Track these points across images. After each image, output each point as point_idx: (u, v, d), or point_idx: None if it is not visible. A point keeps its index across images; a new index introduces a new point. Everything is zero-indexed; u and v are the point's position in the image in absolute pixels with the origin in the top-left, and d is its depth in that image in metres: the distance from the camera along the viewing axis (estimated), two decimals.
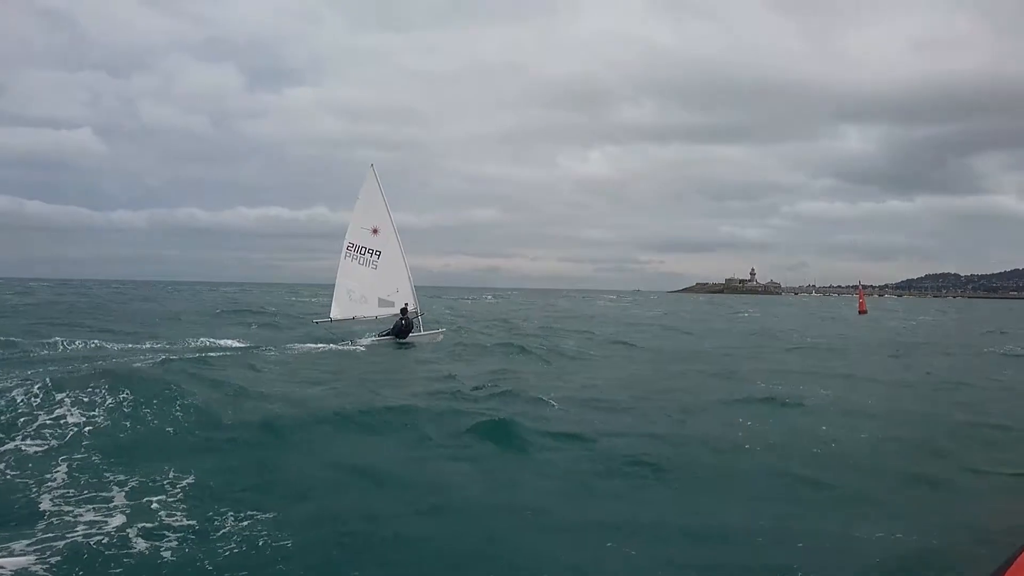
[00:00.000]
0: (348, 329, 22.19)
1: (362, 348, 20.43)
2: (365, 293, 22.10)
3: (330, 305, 22.31)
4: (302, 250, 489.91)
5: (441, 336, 23.74)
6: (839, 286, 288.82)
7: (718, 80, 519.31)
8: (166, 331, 24.13)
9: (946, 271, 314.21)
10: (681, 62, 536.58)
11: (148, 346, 18.85)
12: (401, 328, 21.57)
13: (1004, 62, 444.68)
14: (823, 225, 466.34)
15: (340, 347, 20.26)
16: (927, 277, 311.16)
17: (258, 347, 19.21)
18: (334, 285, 22.29)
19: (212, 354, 16.64)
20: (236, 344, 20.11)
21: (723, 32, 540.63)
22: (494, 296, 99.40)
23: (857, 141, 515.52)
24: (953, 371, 17.75)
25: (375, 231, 21.90)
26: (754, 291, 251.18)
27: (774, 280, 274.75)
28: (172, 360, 14.19)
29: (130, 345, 18.93)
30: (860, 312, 62.89)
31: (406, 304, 22.04)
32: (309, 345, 20.26)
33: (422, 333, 22.57)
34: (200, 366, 13.43)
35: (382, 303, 22.37)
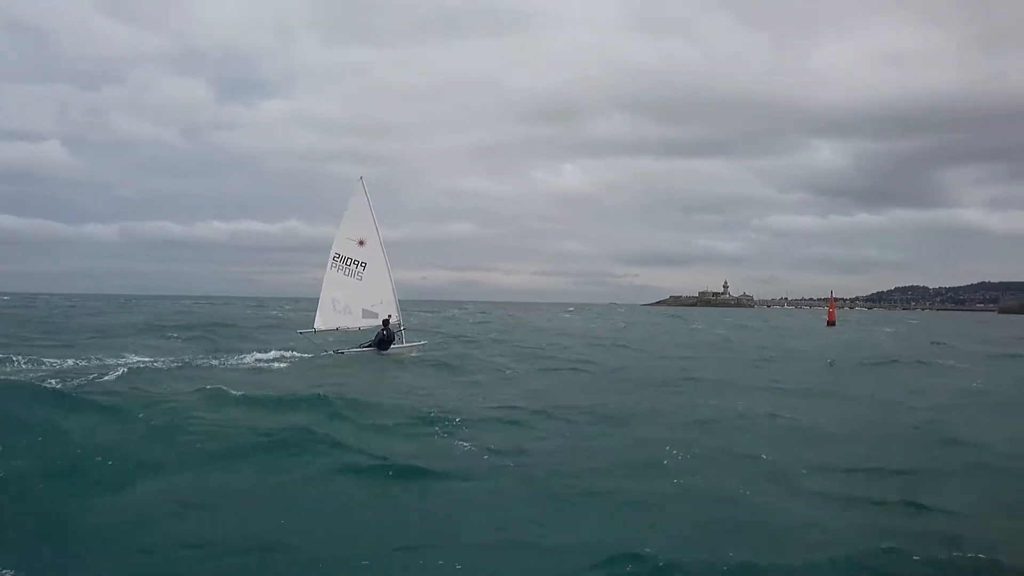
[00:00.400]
0: (324, 339, 22.45)
1: (344, 356, 20.96)
2: (349, 304, 22.65)
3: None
4: (277, 263, 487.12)
5: (422, 346, 24.32)
6: (811, 299, 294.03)
7: (691, 95, 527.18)
8: (82, 344, 24.25)
9: (915, 284, 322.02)
10: (654, 77, 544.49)
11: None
12: (383, 339, 22.13)
13: (970, 79, 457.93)
14: (795, 238, 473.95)
15: (324, 355, 20.76)
16: (897, 290, 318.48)
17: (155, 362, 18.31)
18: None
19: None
20: (136, 360, 18.79)
21: (696, 47, 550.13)
22: (459, 309, 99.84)
23: (828, 155, 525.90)
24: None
25: (361, 243, 22.51)
26: (727, 304, 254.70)
27: (747, 293, 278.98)
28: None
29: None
30: (829, 323, 62.48)
31: (388, 316, 22.63)
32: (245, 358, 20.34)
33: (404, 345, 23.15)
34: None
35: (366, 314, 22.93)
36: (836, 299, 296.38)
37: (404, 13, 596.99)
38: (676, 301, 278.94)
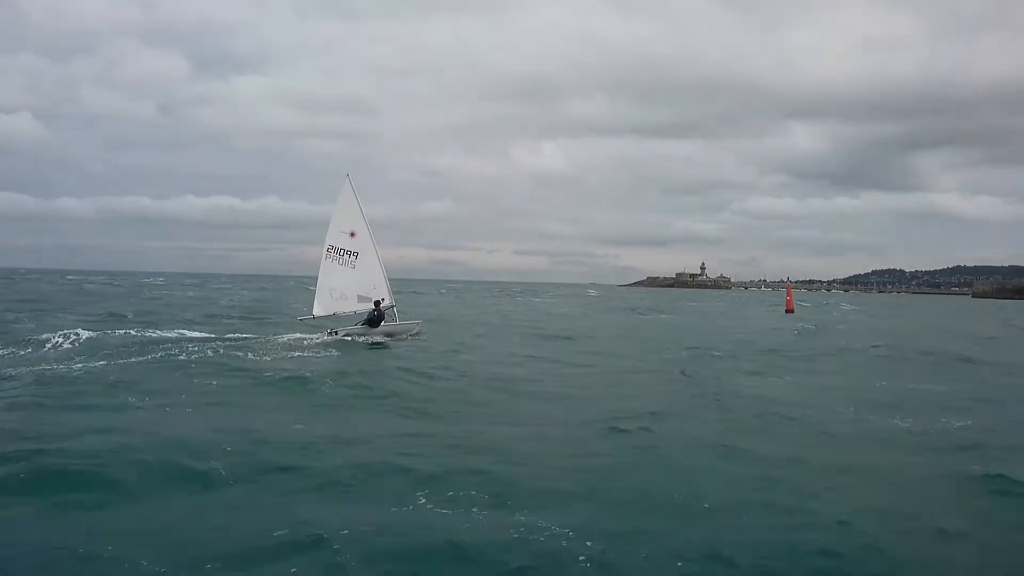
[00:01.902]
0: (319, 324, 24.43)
1: (347, 337, 22.85)
2: (345, 291, 24.68)
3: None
4: (253, 240, 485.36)
5: (417, 327, 26.33)
6: (788, 280, 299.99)
7: (668, 76, 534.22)
8: None
9: (892, 267, 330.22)
10: (631, 58, 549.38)
11: None
12: (373, 318, 24.10)
13: (941, 64, 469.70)
14: (773, 221, 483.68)
15: (325, 337, 22.61)
16: (874, 273, 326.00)
17: None
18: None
19: None
20: None
21: (673, 29, 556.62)
22: (415, 292, 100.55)
23: (805, 139, 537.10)
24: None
25: (352, 234, 24.51)
26: (704, 285, 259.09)
27: (724, 275, 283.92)
28: None
29: None
30: (787, 311, 56.50)
31: (381, 299, 24.54)
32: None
33: (397, 323, 25.15)
34: None
35: (360, 299, 24.98)
36: (813, 281, 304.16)
37: None
38: (653, 282, 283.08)
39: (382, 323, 24.18)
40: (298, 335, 22.92)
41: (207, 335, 22.54)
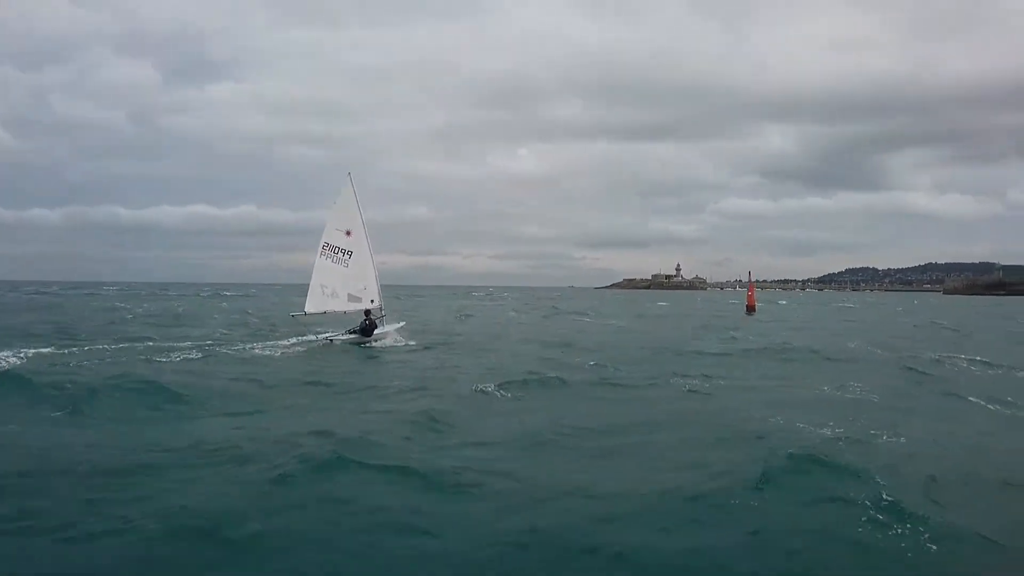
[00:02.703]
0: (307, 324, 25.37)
1: (339, 341, 23.87)
2: (336, 289, 25.61)
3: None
4: (229, 248, 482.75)
5: (402, 327, 27.46)
6: (764, 280, 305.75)
7: (642, 79, 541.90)
8: None
9: (865, 265, 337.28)
10: (606, 62, 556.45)
11: None
12: (366, 327, 25.04)
13: (909, 65, 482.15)
14: (749, 221, 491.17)
15: (315, 342, 23.60)
16: (847, 271, 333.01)
17: None
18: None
19: None
20: None
21: (646, 33, 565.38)
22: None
23: (778, 140, 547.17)
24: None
25: (348, 233, 25.47)
26: (679, 286, 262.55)
27: (699, 275, 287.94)
28: None
29: None
30: (748, 309, 55.17)
31: (369, 308, 25.56)
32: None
33: (385, 329, 26.17)
34: None
35: (351, 298, 25.93)
36: (788, 281, 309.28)
37: None
38: (630, 284, 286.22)
39: (375, 331, 25.22)
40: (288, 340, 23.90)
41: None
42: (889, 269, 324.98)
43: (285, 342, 23.84)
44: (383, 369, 19.14)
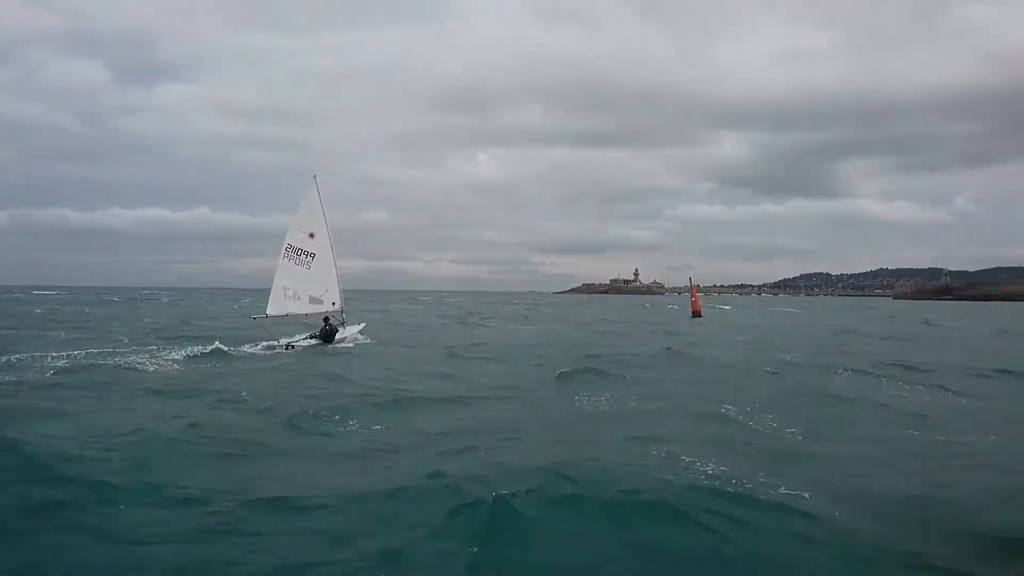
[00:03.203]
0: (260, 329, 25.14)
1: (296, 347, 23.75)
2: (298, 291, 25.72)
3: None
4: (184, 253, 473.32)
5: (361, 329, 27.70)
6: (721, 285, 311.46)
7: (599, 86, 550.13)
8: None
9: (819, 271, 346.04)
10: (564, 69, 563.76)
11: None
12: (327, 333, 25.13)
13: (857, 76, 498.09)
14: (705, 227, 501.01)
15: (272, 348, 23.53)
16: (802, 276, 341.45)
17: None
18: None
19: None
20: None
21: (604, 42, 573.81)
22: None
23: (732, 147, 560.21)
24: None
25: (311, 235, 25.65)
26: (637, 291, 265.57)
27: (657, 280, 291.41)
28: None
29: None
30: (694, 314, 53.78)
31: (327, 316, 25.73)
32: None
33: (345, 333, 26.32)
34: None
35: (312, 300, 26.11)
36: (744, 286, 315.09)
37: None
38: (589, 288, 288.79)
39: (335, 336, 25.25)
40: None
41: None
42: (842, 274, 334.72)
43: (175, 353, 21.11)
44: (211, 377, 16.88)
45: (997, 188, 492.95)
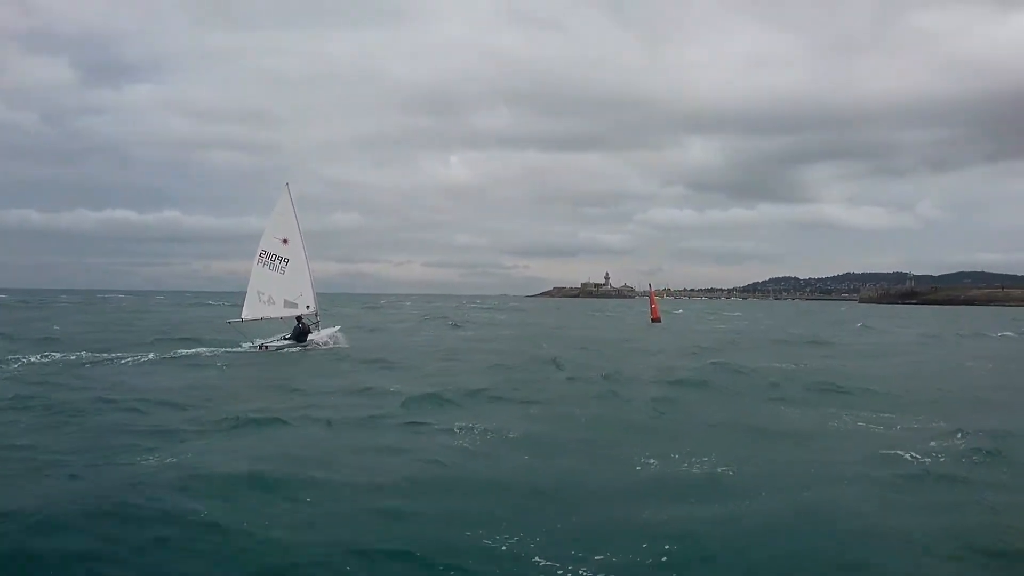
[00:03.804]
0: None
1: (272, 347, 24.62)
2: (273, 295, 26.42)
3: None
4: (152, 255, 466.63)
5: (337, 330, 28.51)
6: (691, 289, 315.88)
7: (567, 90, 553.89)
8: None
9: (788, 275, 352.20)
10: (533, 72, 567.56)
11: None
12: (299, 333, 25.95)
13: (822, 82, 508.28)
14: (676, 231, 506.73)
15: (249, 348, 24.42)
16: (771, 281, 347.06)
17: None
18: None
19: None
20: None
21: (570, 44, 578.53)
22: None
23: (701, 152, 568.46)
24: None
25: (285, 241, 26.36)
26: (608, 295, 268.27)
27: (628, 284, 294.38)
28: None
29: None
30: (653, 320, 52.49)
31: (300, 316, 26.49)
32: None
33: (320, 334, 27.12)
34: None
35: (287, 304, 26.82)
36: (714, 289, 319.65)
37: None
38: (560, 292, 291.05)
39: (308, 336, 26.12)
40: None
41: None
42: (810, 278, 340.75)
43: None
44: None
45: (960, 194, 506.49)
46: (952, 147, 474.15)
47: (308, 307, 27.17)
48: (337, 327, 29.61)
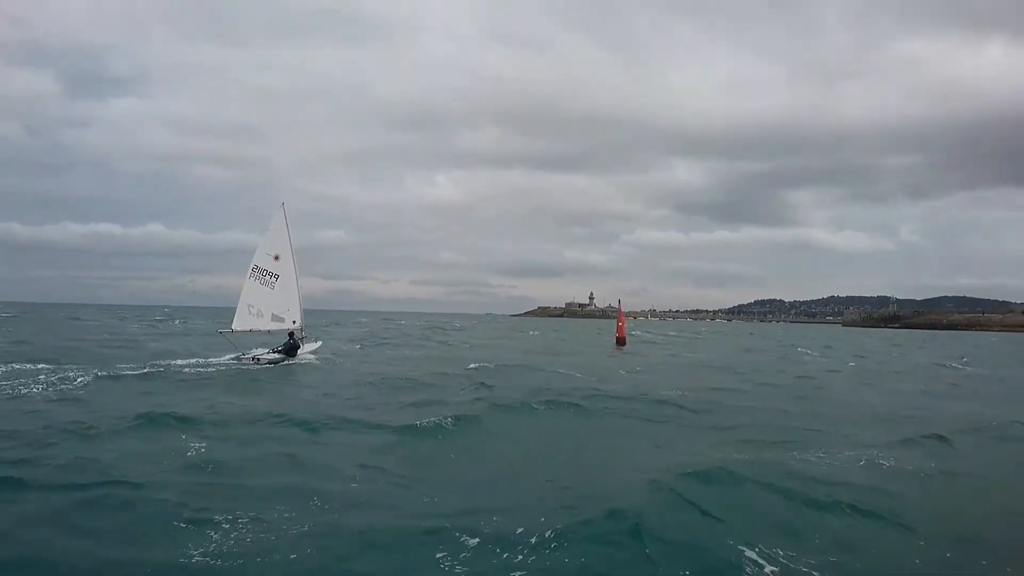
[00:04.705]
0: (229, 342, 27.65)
1: (263, 360, 26.38)
2: (262, 309, 28.31)
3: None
4: (137, 269, 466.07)
5: (318, 346, 30.51)
6: (676, 310, 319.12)
7: (555, 111, 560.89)
8: None
9: (774, 297, 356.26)
10: (519, 92, 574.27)
11: None
12: (291, 347, 27.81)
13: (801, 108, 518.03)
14: (660, 252, 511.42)
15: (242, 360, 26.16)
16: (756, 303, 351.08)
17: None
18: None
19: None
20: None
21: (555, 65, 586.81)
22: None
23: (686, 174, 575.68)
24: None
25: (276, 258, 28.31)
26: (592, 315, 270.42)
27: (612, 305, 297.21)
28: None
29: None
30: (618, 341, 49.38)
31: (292, 331, 28.43)
32: None
33: (305, 349, 29.01)
34: None
35: (275, 318, 28.73)
36: (700, 311, 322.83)
37: (263, 14, 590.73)
38: (544, 312, 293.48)
39: (297, 351, 27.97)
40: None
41: None
42: (795, 301, 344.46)
43: None
44: None
45: (940, 220, 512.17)
46: (932, 173, 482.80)
47: (295, 322, 29.12)
48: (319, 343, 31.55)
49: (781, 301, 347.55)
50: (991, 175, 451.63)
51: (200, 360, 26.40)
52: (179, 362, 25.73)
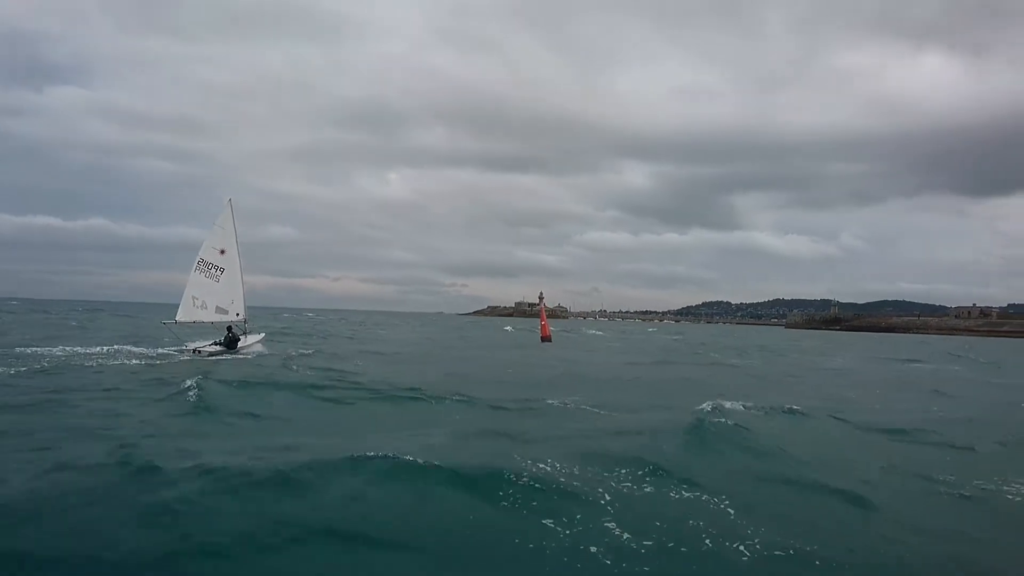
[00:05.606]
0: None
1: (205, 354, 27.24)
2: (206, 301, 29.34)
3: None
4: (78, 263, 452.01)
5: (262, 337, 31.67)
6: (626, 311, 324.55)
7: (502, 111, 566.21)
8: None
9: (721, 299, 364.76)
10: (469, 92, 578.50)
11: None
12: (231, 340, 28.73)
13: (746, 115, 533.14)
14: (611, 254, 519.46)
15: (183, 352, 27.08)
16: (704, 304, 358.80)
17: None
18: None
19: None
20: None
21: (505, 66, 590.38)
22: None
23: (635, 176, 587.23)
24: None
25: (222, 252, 29.40)
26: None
27: (561, 304, 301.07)
28: None
29: None
30: (543, 339, 52.12)
31: (231, 324, 29.49)
32: None
33: (248, 342, 30.15)
34: None
35: (219, 310, 29.82)
36: (649, 312, 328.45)
37: (210, 8, 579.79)
38: (494, 311, 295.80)
39: (238, 344, 28.97)
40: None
41: None
42: (741, 303, 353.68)
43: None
44: None
45: (881, 226, 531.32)
46: (872, 181, 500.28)
47: (238, 315, 30.28)
48: (262, 334, 32.74)
49: (728, 303, 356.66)
50: (929, 183, 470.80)
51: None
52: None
